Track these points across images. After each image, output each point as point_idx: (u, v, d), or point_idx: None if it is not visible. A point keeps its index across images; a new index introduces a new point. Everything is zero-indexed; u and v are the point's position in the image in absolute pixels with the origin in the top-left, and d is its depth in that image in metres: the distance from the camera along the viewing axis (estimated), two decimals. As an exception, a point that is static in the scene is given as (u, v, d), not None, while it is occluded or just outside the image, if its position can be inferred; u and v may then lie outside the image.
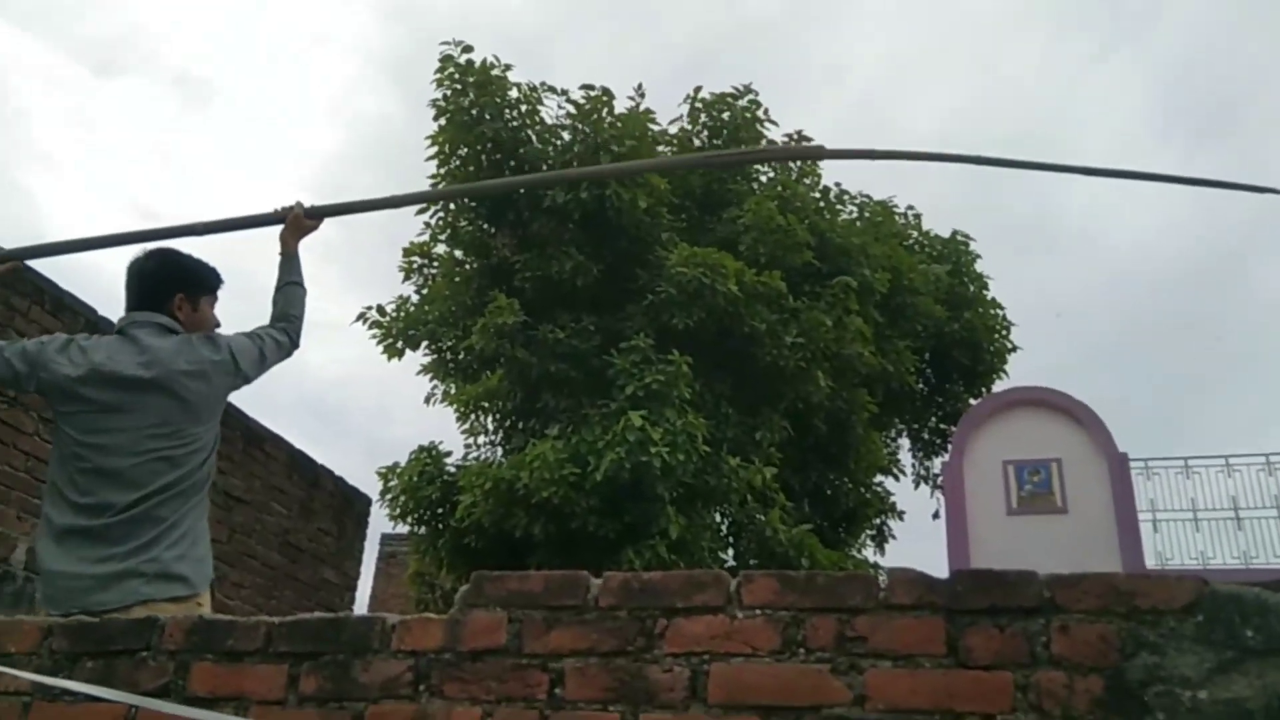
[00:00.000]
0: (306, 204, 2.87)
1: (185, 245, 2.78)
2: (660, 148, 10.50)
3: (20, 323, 5.65)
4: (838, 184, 11.84)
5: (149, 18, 50.23)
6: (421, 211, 10.09)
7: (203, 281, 2.67)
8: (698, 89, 10.76)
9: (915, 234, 13.20)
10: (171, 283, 2.61)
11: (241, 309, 2.93)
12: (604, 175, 8.77)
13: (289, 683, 1.70)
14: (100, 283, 4.26)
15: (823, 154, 4.40)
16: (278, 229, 2.87)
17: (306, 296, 2.85)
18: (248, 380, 2.63)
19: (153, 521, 2.36)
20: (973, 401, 12.94)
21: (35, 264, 5.04)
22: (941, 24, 51.71)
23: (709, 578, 1.65)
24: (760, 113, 10.66)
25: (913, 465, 13.64)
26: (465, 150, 9.72)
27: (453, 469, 9.34)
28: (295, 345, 2.78)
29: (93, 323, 5.90)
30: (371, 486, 9.43)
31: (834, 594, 1.61)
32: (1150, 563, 11.05)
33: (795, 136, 11.04)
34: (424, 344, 10.38)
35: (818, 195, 11.26)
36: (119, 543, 2.33)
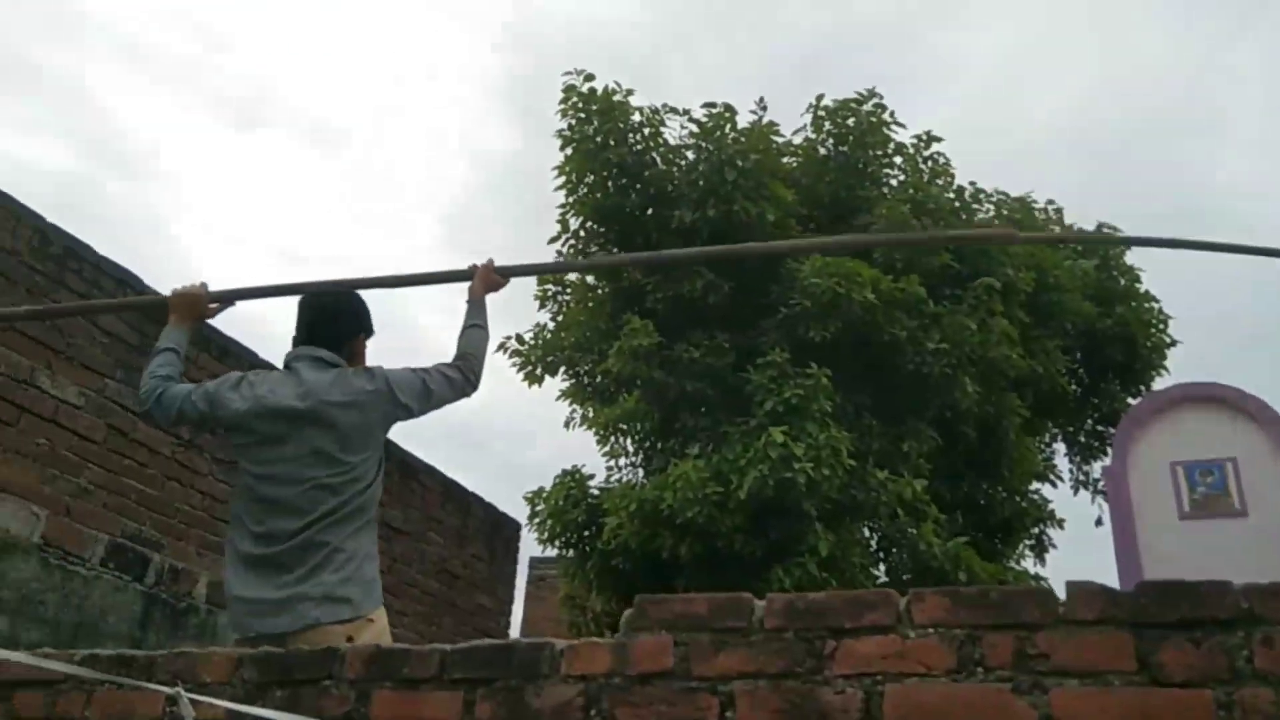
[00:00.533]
0: (487, 260, 3.06)
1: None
2: (785, 159, 10.42)
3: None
4: (972, 183, 11.46)
5: (279, 73, 53.53)
6: (553, 241, 10.32)
7: (370, 324, 2.87)
8: (819, 97, 10.62)
9: (1058, 229, 12.65)
10: (356, 318, 2.83)
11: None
12: (782, 252, 8.82)
13: (464, 709, 1.75)
14: (255, 329, 4.62)
15: (1014, 239, 4.41)
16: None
17: (489, 340, 2.96)
18: (411, 412, 2.70)
19: (317, 547, 2.48)
20: (1131, 401, 12.24)
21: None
22: (1062, 6, 49.49)
23: (877, 597, 1.62)
24: (885, 116, 10.46)
25: (1070, 470, 12.99)
26: (592, 177, 9.89)
27: (596, 491, 9.44)
28: (471, 383, 2.84)
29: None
30: (517, 510, 9.65)
31: (1010, 610, 1.55)
32: (1345, 565, 10.21)
33: (924, 138, 10.79)
34: (562, 369, 10.57)
35: (952, 195, 10.92)
36: (290, 569, 2.46)
